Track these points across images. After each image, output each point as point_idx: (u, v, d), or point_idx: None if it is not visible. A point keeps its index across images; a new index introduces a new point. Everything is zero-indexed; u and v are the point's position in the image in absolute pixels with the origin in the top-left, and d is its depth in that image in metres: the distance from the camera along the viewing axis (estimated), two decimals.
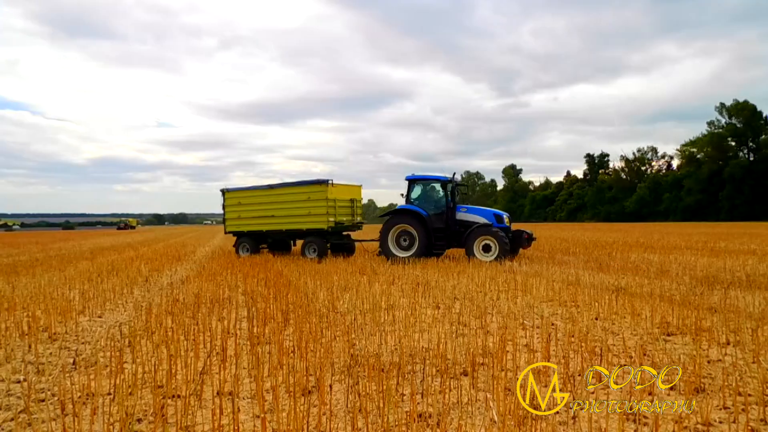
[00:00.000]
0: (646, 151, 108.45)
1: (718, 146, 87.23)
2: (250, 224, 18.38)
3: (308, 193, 17.07)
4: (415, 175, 16.33)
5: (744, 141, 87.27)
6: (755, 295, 8.26)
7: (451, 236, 15.66)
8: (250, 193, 18.59)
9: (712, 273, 10.96)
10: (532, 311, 7.35)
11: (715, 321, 6.35)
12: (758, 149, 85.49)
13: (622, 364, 4.76)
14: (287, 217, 17.55)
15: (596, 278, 10.67)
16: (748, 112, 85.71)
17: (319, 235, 17.04)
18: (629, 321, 6.61)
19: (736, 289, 8.84)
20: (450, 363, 4.86)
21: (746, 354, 5.00)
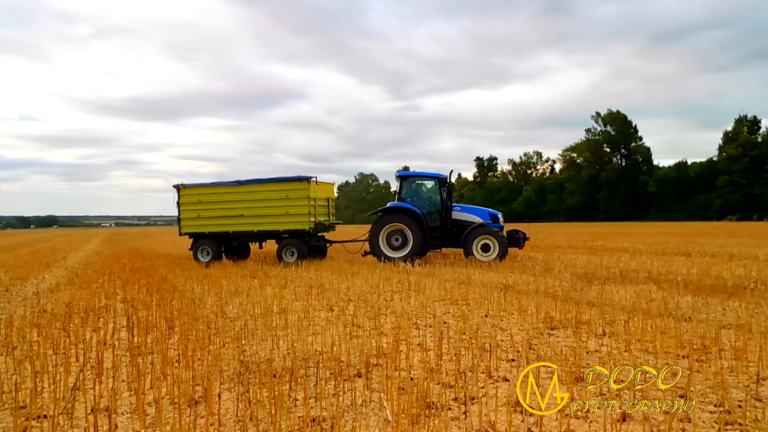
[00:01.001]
0: (531, 156, 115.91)
1: (596, 152, 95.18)
2: (213, 225, 16.76)
3: (287, 190, 16.04)
4: (408, 172, 16.16)
5: (617, 147, 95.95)
6: (627, 289, 9.10)
7: (447, 236, 15.44)
8: (213, 189, 16.97)
9: (591, 270, 11.93)
10: (425, 311, 7.56)
11: (593, 314, 6.91)
12: (630, 155, 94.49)
13: (509, 359, 5.04)
14: (261, 216, 16.30)
15: (486, 277, 11.21)
16: (621, 121, 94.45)
17: (298, 236, 16.18)
18: (517, 317, 7.01)
19: (611, 284, 9.68)
20: (344, 365, 4.87)
21: (620, 344, 5.49)
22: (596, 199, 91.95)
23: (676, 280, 9.94)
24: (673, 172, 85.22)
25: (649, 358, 4.94)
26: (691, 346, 5.21)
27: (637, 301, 7.94)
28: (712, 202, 76.69)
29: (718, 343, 5.27)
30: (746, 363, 4.67)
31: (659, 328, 5.90)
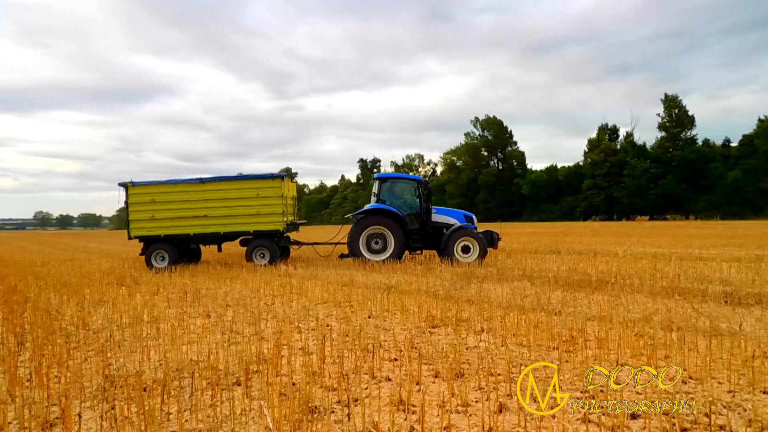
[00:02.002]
0: (414, 158, 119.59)
1: (474, 155, 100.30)
2: (171, 227, 15.47)
3: (257, 189, 15.28)
4: (387, 174, 15.72)
5: (494, 151, 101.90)
6: (504, 286, 9.66)
7: (427, 238, 15.34)
8: (170, 188, 15.65)
9: (470, 269, 12.51)
10: (308, 314, 7.51)
11: (472, 311, 7.25)
12: (506, 159, 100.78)
13: (392, 359, 5.14)
14: (228, 217, 15.34)
15: (370, 278, 11.37)
16: (497, 127, 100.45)
17: (269, 237, 15.46)
18: (399, 317, 7.17)
19: (489, 282, 10.22)
20: (222, 374, 4.70)
21: (497, 339, 5.81)
22: (475, 200, 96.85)
23: (547, 276, 10.71)
24: (544, 176, 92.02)
25: (523, 351, 5.28)
26: (561, 338, 5.64)
27: (513, 297, 8.46)
28: (579, 204, 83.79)
29: (584, 334, 5.75)
30: (608, 351, 5.13)
31: (533, 323, 6.32)
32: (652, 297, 8.21)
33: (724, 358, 4.77)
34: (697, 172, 78.04)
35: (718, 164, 78.41)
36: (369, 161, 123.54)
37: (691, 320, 6.46)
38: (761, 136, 78.02)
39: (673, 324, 6.23)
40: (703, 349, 5.04)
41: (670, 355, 4.94)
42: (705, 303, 7.64)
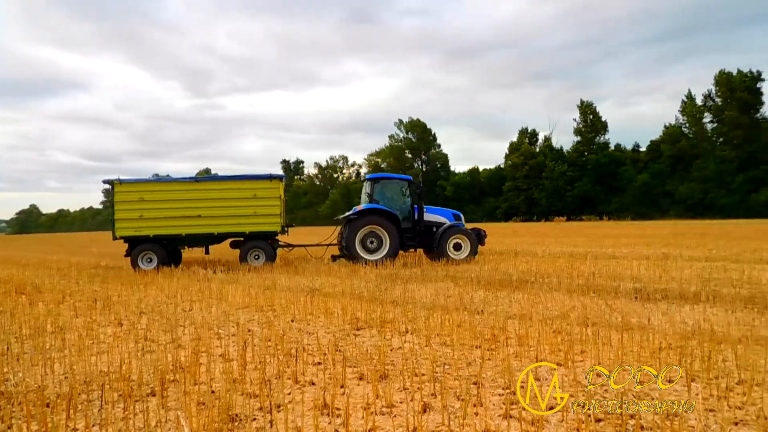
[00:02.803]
0: (337, 159, 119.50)
1: (399, 157, 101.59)
2: (161, 227, 14.92)
3: (254, 189, 15.17)
4: (379, 174, 16.24)
5: (418, 153, 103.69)
6: (428, 287, 9.83)
7: (420, 236, 15.61)
8: (161, 186, 15.22)
9: (395, 270, 12.64)
10: (228, 319, 7.33)
11: (396, 313, 7.32)
12: (429, 161, 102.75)
13: (316, 362, 5.10)
14: (223, 217, 15.06)
15: (293, 281, 11.24)
16: (421, 129, 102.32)
17: (263, 238, 15.37)
18: (323, 320, 7.14)
19: (413, 283, 10.36)
20: (135, 384, 4.49)
21: (421, 339, 5.90)
22: None
23: (470, 277, 11.00)
24: (467, 178, 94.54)
25: (447, 350, 5.39)
26: (483, 337, 5.80)
27: (437, 298, 8.62)
28: (500, 205, 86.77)
29: (505, 332, 5.95)
30: (528, 348, 5.33)
31: (456, 322, 6.47)
32: (569, 295, 8.61)
33: (635, 350, 5.07)
34: (610, 175, 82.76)
35: (629, 168, 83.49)
36: (292, 162, 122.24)
37: (605, 316, 6.83)
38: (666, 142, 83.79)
39: (588, 320, 6.56)
40: (615, 342, 5.34)
41: (586, 350, 5.19)
42: (617, 299, 8.10)
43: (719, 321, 6.38)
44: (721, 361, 4.68)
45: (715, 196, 74.15)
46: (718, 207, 72.90)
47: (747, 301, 7.54)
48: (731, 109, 78.84)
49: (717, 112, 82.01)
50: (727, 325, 6.09)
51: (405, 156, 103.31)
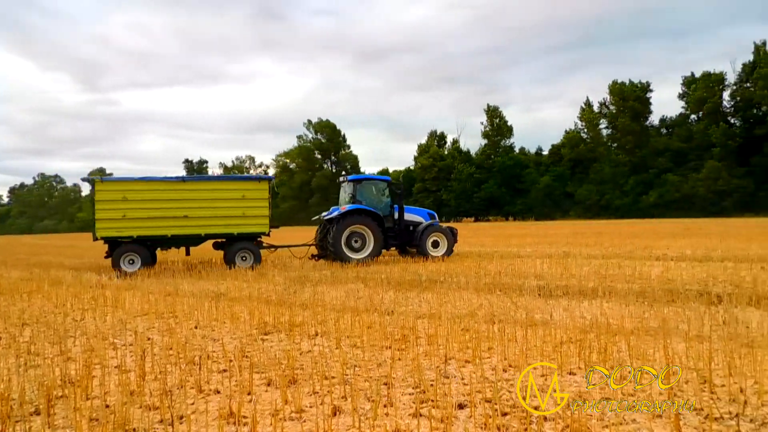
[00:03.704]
0: (245, 160, 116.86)
1: (308, 158, 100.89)
2: (145, 227, 14.53)
3: (243, 190, 15.27)
4: (360, 175, 16.91)
5: (328, 155, 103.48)
6: (338, 289, 9.82)
7: (400, 235, 16.35)
8: (146, 185, 14.75)
9: (304, 273, 12.53)
10: (125, 328, 6.96)
11: (306, 316, 7.25)
12: (339, 163, 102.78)
13: (222, 369, 4.94)
14: (210, 218, 14.98)
15: (196, 286, 10.86)
16: (330, 130, 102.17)
17: (249, 239, 15.46)
18: (229, 325, 6.94)
19: (323, 285, 10.31)
20: (16, 403, 4.15)
21: (331, 342, 5.88)
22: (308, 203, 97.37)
23: (380, 278, 11.10)
24: None
25: (357, 352, 5.40)
26: (393, 337, 5.87)
27: (347, 299, 8.63)
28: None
29: (415, 332, 6.05)
30: (437, 347, 5.45)
31: (366, 323, 6.50)
32: (476, 293, 8.90)
33: (538, 345, 5.32)
34: (515, 177, 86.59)
35: (532, 170, 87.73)
36: (195, 162, 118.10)
37: (511, 313, 7.13)
38: (566, 146, 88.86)
39: (495, 317, 6.81)
40: (520, 338, 5.57)
41: (493, 347, 5.39)
42: (522, 297, 8.47)
43: (614, 314, 6.83)
44: (616, 352, 5.01)
45: (611, 198, 79.50)
46: (614, 208, 78.21)
47: (638, 295, 8.12)
48: (624, 116, 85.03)
49: (611, 119, 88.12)
50: (621, 318, 6.53)
51: (314, 157, 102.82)
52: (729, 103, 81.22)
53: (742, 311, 6.82)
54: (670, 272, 10.65)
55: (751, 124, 76.97)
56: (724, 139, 75.10)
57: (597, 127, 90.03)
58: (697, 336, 5.51)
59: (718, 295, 7.81)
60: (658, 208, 74.81)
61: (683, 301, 7.60)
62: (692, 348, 4.96)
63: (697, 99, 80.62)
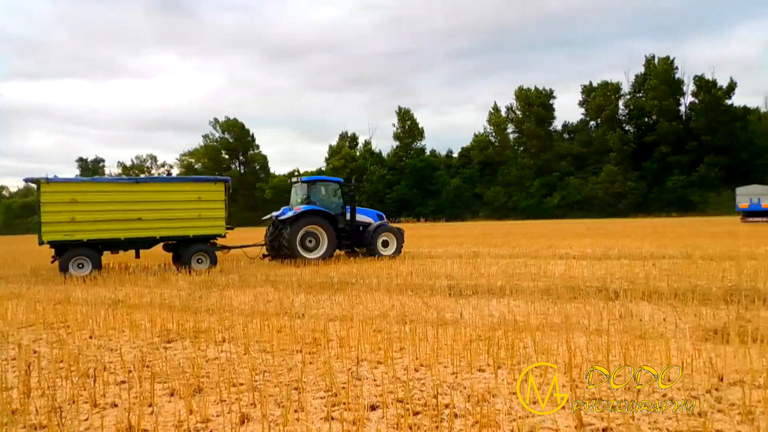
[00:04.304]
0: (146, 159, 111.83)
1: (214, 158, 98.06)
2: (97, 230, 14.14)
3: (199, 192, 15.21)
4: (314, 177, 17.37)
5: (236, 155, 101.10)
6: (246, 293, 9.60)
7: (353, 235, 16.89)
8: (97, 187, 14.70)
9: (210, 277, 12.14)
10: (7, 341, 6.44)
11: (212, 321, 7.03)
12: (248, 163, 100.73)
13: (120, 381, 4.69)
14: (166, 220, 14.77)
15: (91, 293, 10.25)
16: (239, 129, 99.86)
17: (204, 241, 15.37)
18: (128, 334, 6.60)
19: (230, 290, 10.04)
20: None
21: (239, 347, 5.73)
22: None
23: (291, 281, 10.97)
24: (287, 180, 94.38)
25: (267, 357, 5.29)
26: (304, 341, 5.81)
27: (256, 303, 8.46)
28: None
29: (326, 335, 6.02)
30: (349, 349, 5.45)
31: (276, 327, 6.40)
32: (388, 294, 8.99)
33: (449, 344, 5.45)
34: (426, 179, 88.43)
35: (443, 172, 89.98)
36: (90, 161, 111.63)
37: (422, 313, 7.25)
38: (476, 149, 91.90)
39: (406, 317, 6.91)
40: (431, 338, 5.68)
41: (405, 347, 5.45)
42: (433, 296, 8.65)
43: (521, 312, 7.12)
44: (523, 348, 5.22)
45: (518, 199, 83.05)
46: (520, 209, 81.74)
47: (543, 293, 8.52)
48: (529, 121, 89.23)
49: (518, 123, 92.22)
50: (528, 315, 6.82)
51: (221, 157, 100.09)
52: (624, 111, 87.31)
53: (636, 305, 7.32)
54: (573, 270, 11.25)
55: (642, 131, 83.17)
56: (620, 144, 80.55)
57: (504, 131, 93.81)
58: (596, 330, 5.85)
59: (615, 291, 8.34)
60: (562, 209, 79.01)
61: (584, 298, 8.05)
62: (592, 341, 5.26)
63: (596, 106, 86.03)
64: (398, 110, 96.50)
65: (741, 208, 42.77)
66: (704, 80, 79.42)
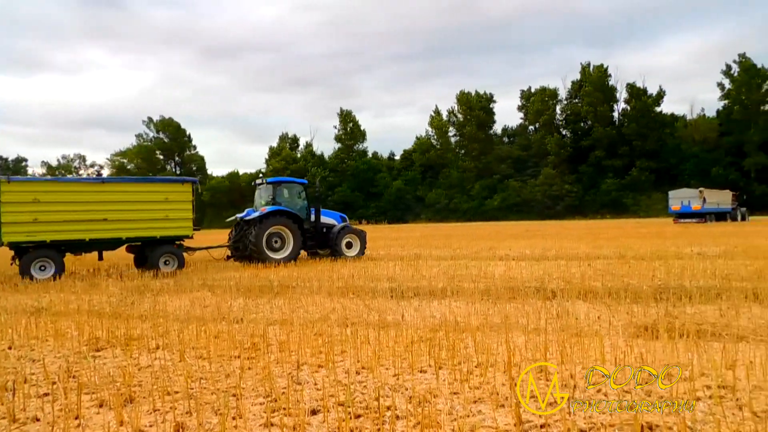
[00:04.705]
0: (73, 159, 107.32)
1: (148, 158, 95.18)
2: (61, 231, 13.83)
3: (166, 192, 15.15)
4: (279, 178, 17.47)
5: (171, 155, 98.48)
6: (182, 298, 9.34)
7: (317, 237, 17.16)
8: (61, 187, 14.69)
9: (143, 282, 11.75)
10: None
11: (145, 328, 6.79)
12: (184, 164, 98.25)
13: (42, 394, 4.46)
14: (133, 221, 14.65)
15: (11, 300, 9.75)
16: (174, 129, 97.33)
17: (171, 243, 15.30)
18: (53, 343, 6.29)
19: (165, 295, 9.75)
20: None
21: (174, 355, 5.55)
22: None
23: (229, 285, 10.75)
24: (225, 182, 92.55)
25: (203, 364, 5.16)
26: (243, 346, 5.69)
27: (192, 308, 8.24)
28: None
29: (266, 339, 5.92)
30: (289, 353, 5.38)
31: (213, 333, 6.25)
32: (329, 297, 8.95)
33: (390, 346, 5.46)
34: (368, 181, 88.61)
35: (385, 175, 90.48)
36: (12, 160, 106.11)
37: (363, 315, 7.25)
38: (418, 152, 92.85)
39: (348, 320, 6.89)
40: (373, 340, 5.68)
41: (346, 350, 5.43)
42: (375, 299, 8.66)
43: (462, 312, 7.22)
44: (463, 348, 5.30)
45: (459, 202, 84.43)
46: (462, 211, 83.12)
47: (483, 294, 8.67)
48: (470, 125, 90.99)
49: (459, 127, 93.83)
50: (468, 316, 6.93)
51: (156, 157, 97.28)
52: (561, 116, 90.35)
53: (572, 304, 7.56)
54: (512, 271, 11.52)
55: (579, 135, 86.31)
56: (558, 148, 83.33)
57: (446, 135, 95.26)
58: (534, 329, 6.00)
59: (553, 291, 8.59)
60: (502, 211, 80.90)
61: (523, 298, 8.25)
62: (531, 340, 5.39)
63: (535, 111, 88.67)
64: (340, 112, 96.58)
65: (674, 210, 45.18)
66: (635, 88, 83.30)
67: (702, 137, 79.74)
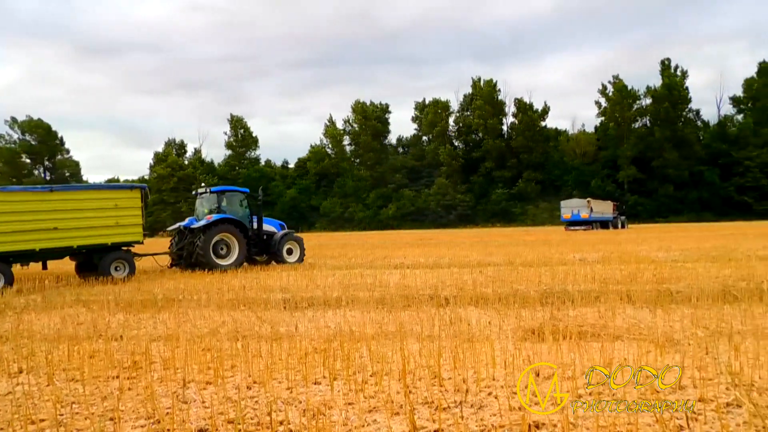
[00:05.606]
0: None
1: (12, 162, 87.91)
2: (9, 242, 13.39)
3: (115, 199, 15.27)
4: (222, 187, 18.05)
5: (40, 159, 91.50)
6: (52, 315, 8.66)
7: (259, 244, 17.71)
8: (8, 197, 13.96)
9: (5, 299, 10.79)
10: None
11: (5, 350, 6.22)
12: (55, 168, 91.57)
13: None
14: (83, 229, 14.61)
15: None
16: (44, 131, 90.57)
17: (118, 249, 15.29)
18: None
19: (30, 313, 9.00)
20: None
21: (41, 378, 5.11)
22: None
23: (106, 299, 10.10)
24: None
25: (76, 387, 4.79)
26: (122, 365, 5.35)
27: (63, 327, 7.66)
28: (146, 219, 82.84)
29: (148, 357, 5.60)
30: (174, 371, 5.12)
31: (88, 352, 5.83)
32: (219, 310, 8.65)
33: (284, 358, 5.35)
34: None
35: (279, 183, 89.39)
36: None
37: (255, 328, 7.07)
38: (312, 160, 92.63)
39: (239, 334, 6.68)
40: (265, 353, 5.54)
41: (237, 364, 5.26)
42: (268, 311, 8.49)
43: (357, 322, 7.24)
44: (358, 358, 5.30)
45: (354, 211, 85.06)
46: (357, 220, 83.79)
47: (378, 303, 8.75)
48: (366, 134, 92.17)
49: (354, 136, 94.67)
50: (363, 325, 6.95)
51: (21, 161, 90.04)
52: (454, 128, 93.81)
53: (465, 310, 7.81)
54: (407, 279, 11.72)
55: (470, 147, 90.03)
56: (450, 159, 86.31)
57: (341, 143, 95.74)
58: (428, 336, 6.13)
59: (446, 298, 8.83)
60: (396, 219, 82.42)
61: (417, 305, 8.41)
62: (425, 347, 5.50)
63: (429, 122, 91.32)
64: (230, 118, 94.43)
65: (565, 219, 48.29)
66: (523, 103, 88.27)
67: (582, 151, 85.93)
